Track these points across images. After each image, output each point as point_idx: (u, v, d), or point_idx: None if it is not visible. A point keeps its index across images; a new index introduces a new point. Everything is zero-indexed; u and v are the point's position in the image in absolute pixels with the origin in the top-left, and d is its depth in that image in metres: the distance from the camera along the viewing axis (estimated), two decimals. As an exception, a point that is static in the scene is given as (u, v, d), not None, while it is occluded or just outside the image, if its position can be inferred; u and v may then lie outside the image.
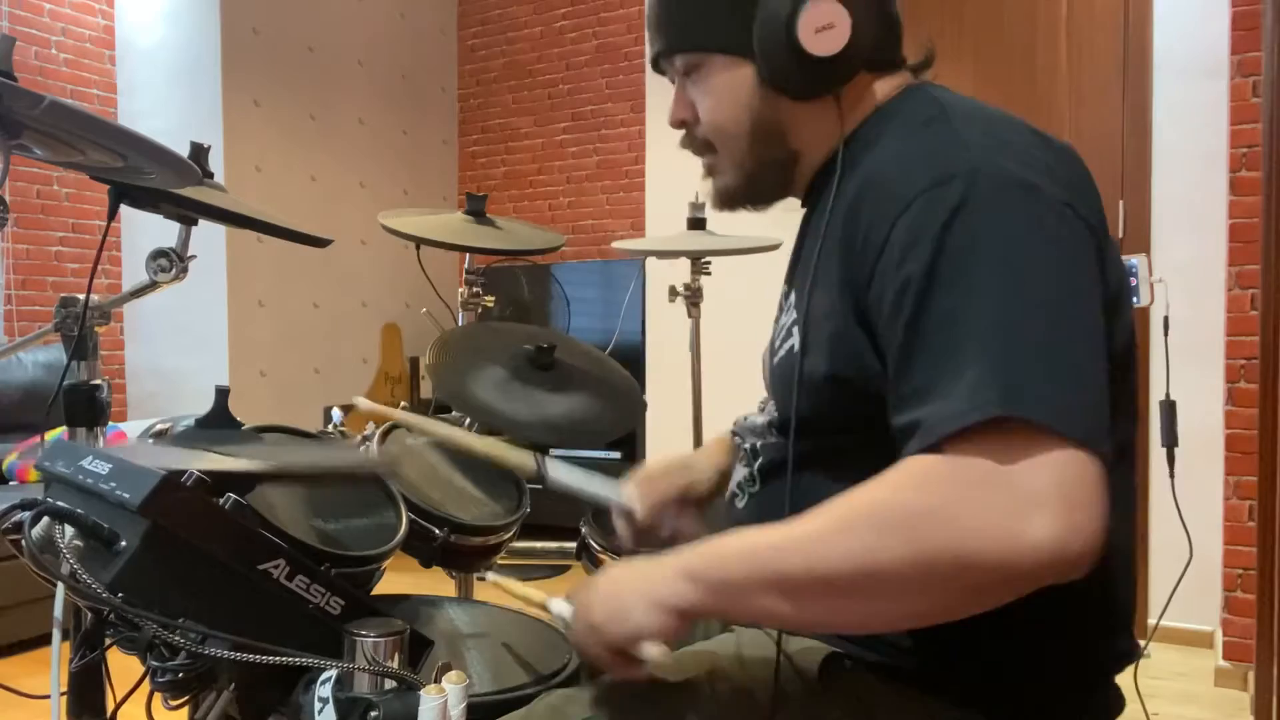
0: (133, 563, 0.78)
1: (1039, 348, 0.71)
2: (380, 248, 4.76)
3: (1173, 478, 1.98)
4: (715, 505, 1.16)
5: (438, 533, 1.30)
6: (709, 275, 2.55)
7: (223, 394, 1.20)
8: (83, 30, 4.18)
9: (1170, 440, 2.05)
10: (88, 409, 1.20)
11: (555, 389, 1.57)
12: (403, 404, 1.98)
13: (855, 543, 0.71)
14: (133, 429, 3.41)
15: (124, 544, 0.78)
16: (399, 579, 1.31)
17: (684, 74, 0.97)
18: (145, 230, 3.87)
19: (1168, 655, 2.89)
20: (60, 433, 1.23)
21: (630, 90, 4.86)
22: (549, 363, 1.58)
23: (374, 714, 0.78)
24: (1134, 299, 1.93)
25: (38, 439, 3.33)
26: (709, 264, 2.55)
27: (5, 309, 3.92)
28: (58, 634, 0.83)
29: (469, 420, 1.69)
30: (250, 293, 4.23)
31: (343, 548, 1.10)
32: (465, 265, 2.18)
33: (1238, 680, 2.70)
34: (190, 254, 1.26)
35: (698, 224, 2.44)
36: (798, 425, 0.88)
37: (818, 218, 0.92)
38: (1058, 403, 0.69)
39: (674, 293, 2.53)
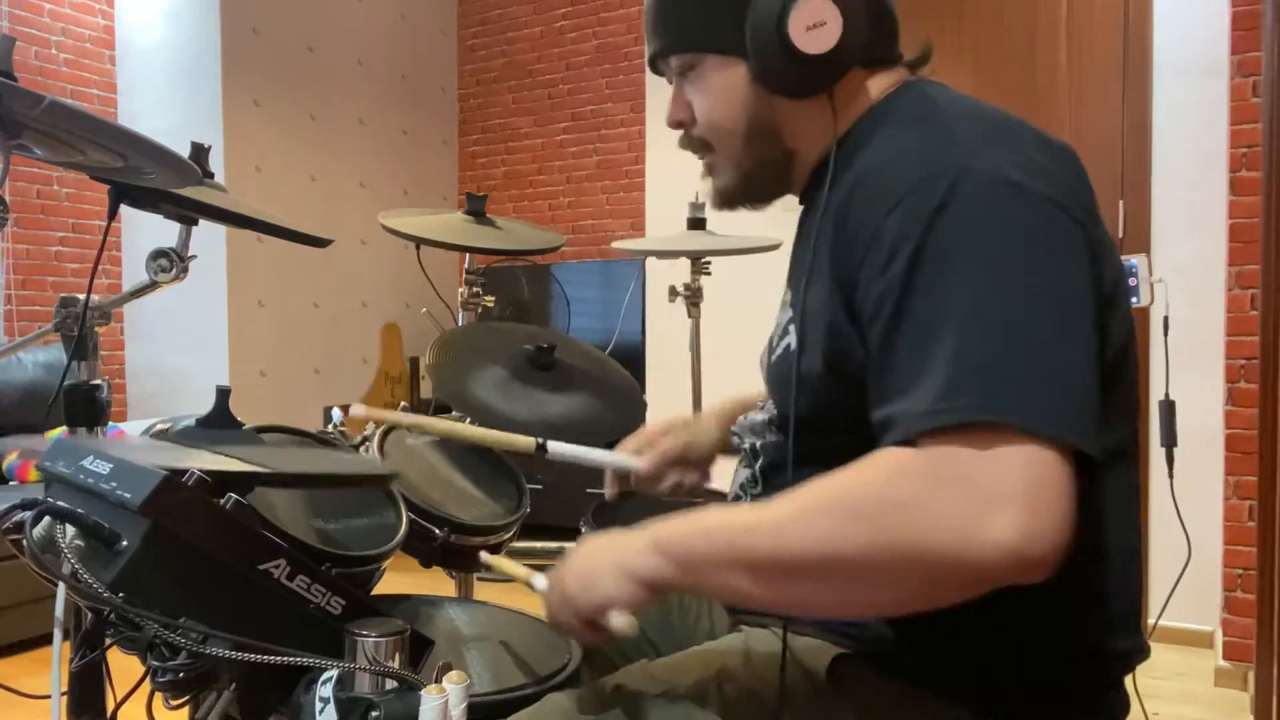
0: (134, 562, 0.78)
1: (1015, 346, 0.71)
2: (380, 248, 4.76)
3: (1172, 478, 1.98)
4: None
5: (438, 533, 1.30)
6: (709, 275, 2.55)
7: (223, 394, 1.20)
8: (83, 30, 4.18)
9: (1169, 440, 2.05)
10: (88, 409, 1.20)
11: (555, 389, 1.57)
12: (403, 404, 1.98)
13: (821, 528, 0.72)
14: (133, 429, 3.41)
15: (125, 544, 0.78)
16: (399, 579, 1.31)
17: (680, 74, 0.97)
18: (145, 230, 3.87)
19: (1168, 655, 2.89)
20: (60, 433, 1.23)
21: (630, 90, 4.86)
22: (549, 363, 1.58)
23: (375, 714, 0.78)
24: (1134, 299, 1.94)
25: (38, 439, 3.33)
26: (709, 264, 2.55)
27: (5, 309, 3.92)
28: (58, 634, 0.83)
29: (469, 420, 1.69)
30: (250, 293, 4.23)
31: (343, 548, 1.10)
32: (465, 265, 2.18)
33: (1238, 680, 2.70)
34: (190, 254, 1.26)
35: (698, 224, 2.44)
36: (797, 423, 0.88)
37: (812, 216, 0.92)
38: (1030, 402, 0.69)
39: (674, 293, 2.52)
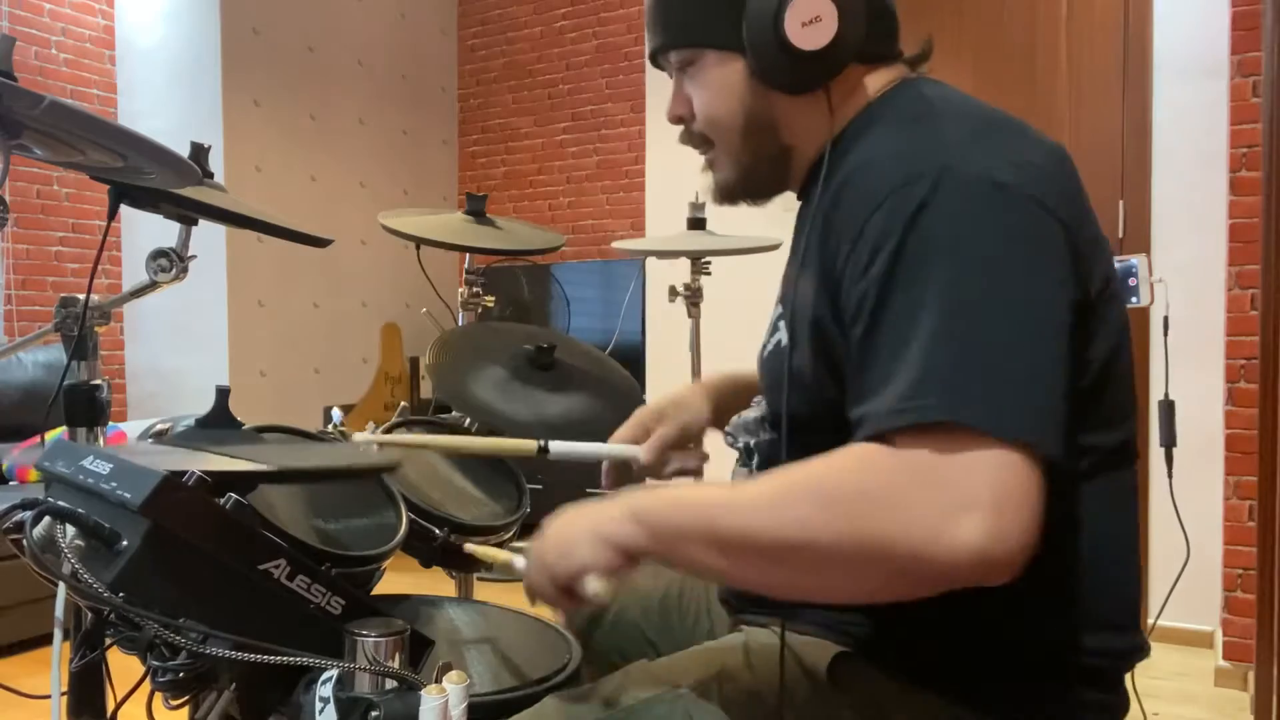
0: (134, 562, 0.78)
1: (983, 347, 0.72)
2: (380, 248, 4.76)
3: (1171, 478, 1.98)
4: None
5: (438, 533, 1.30)
6: (709, 275, 2.55)
7: (223, 394, 1.20)
8: (83, 30, 4.18)
9: (1169, 440, 2.05)
10: (88, 409, 1.20)
11: (555, 389, 1.57)
12: (402, 404, 1.98)
13: (791, 513, 0.73)
14: (133, 429, 3.41)
15: (125, 544, 0.78)
16: (399, 579, 1.31)
17: (680, 70, 0.98)
18: (145, 230, 3.87)
19: (1167, 655, 2.89)
20: (60, 433, 1.23)
21: (630, 90, 4.86)
22: (549, 363, 1.58)
23: (375, 714, 0.78)
24: (1134, 299, 1.93)
25: (38, 439, 3.33)
26: (709, 264, 2.55)
27: (5, 309, 3.92)
28: (58, 634, 0.83)
29: (469, 420, 1.69)
30: (250, 293, 4.23)
31: (343, 548, 1.10)
32: (465, 265, 2.18)
33: (1238, 680, 2.70)
34: (190, 254, 1.26)
35: (698, 224, 2.44)
36: (790, 420, 0.89)
37: (807, 213, 0.93)
38: (997, 405, 0.70)
39: (674, 293, 2.53)
